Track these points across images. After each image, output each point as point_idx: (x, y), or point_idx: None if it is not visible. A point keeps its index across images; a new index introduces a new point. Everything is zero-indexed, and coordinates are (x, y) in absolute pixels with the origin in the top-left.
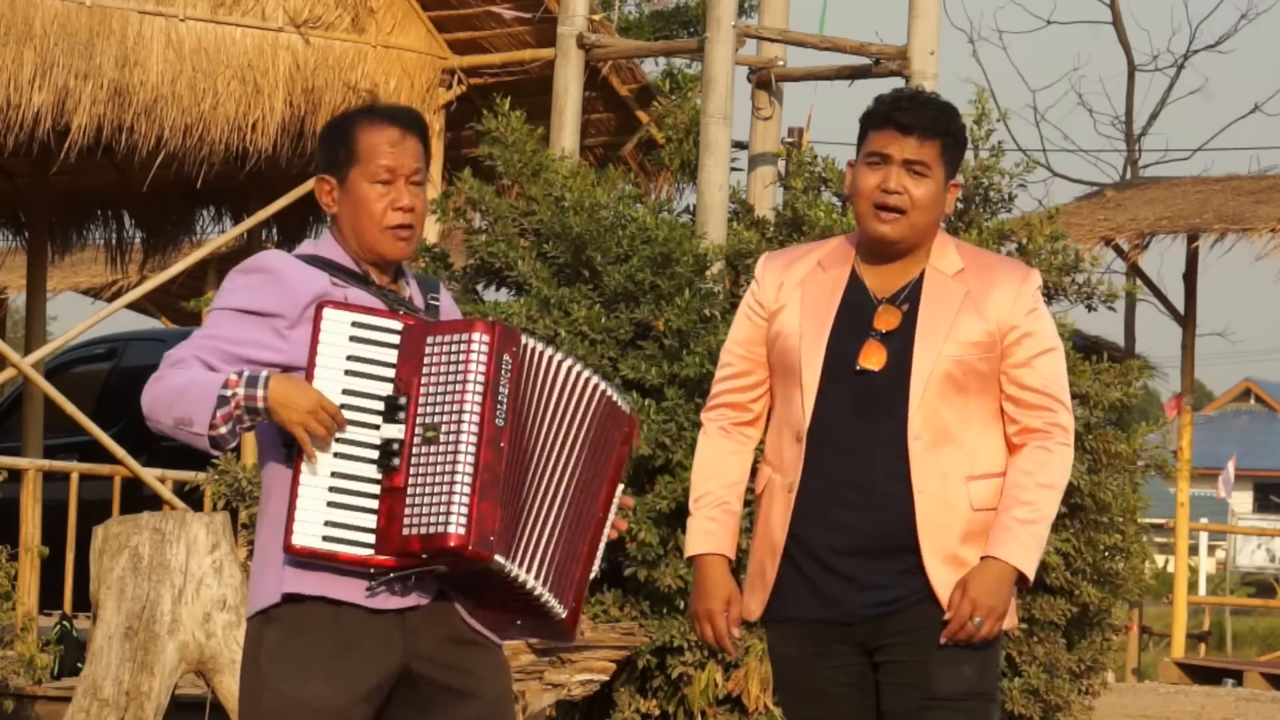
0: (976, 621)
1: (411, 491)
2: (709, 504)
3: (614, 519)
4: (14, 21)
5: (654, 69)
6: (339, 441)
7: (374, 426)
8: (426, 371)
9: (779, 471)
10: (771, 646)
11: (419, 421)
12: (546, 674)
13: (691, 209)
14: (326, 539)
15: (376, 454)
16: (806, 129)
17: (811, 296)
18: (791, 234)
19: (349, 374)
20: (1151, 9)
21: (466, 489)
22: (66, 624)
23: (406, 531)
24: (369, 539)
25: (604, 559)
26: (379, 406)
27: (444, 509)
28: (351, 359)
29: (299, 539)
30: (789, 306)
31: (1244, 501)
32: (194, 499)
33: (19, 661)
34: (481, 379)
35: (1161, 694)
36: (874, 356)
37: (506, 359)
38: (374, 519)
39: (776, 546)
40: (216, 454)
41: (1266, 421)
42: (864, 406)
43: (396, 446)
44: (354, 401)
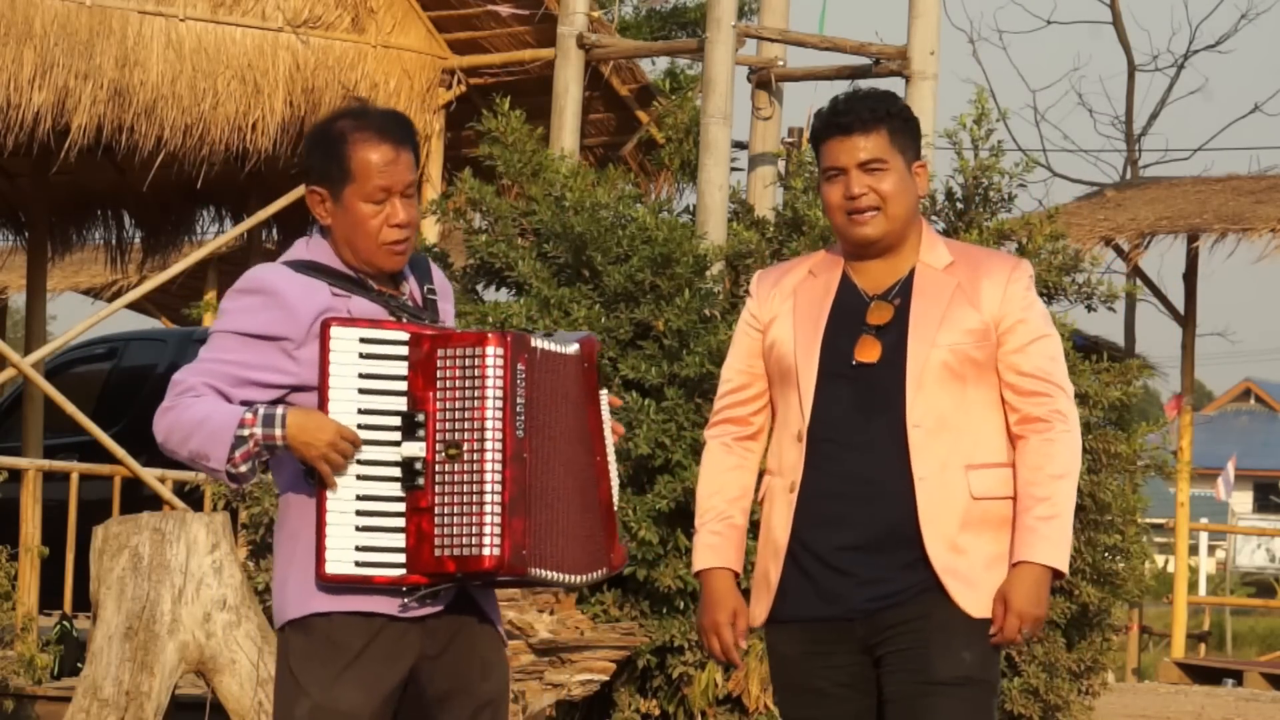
0: (1025, 633)
1: (439, 510)
2: (713, 519)
3: (611, 427)
4: (14, 21)
5: (654, 70)
6: (360, 463)
7: (394, 444)
8: (441, 386)
9: (780, 475)
10: (771, 646)
11: (439, 439)
12: (546, 674)
13: (691, 209)
14: (359, 564)
15: (399, 472)
16: (806, 129)
17: (804, 302)
18: (791, 234)
19: (363, 393)
20: (1151, 9)
21: (496, 508)
22: (66, 624)
23: (439, 553)
24: (400, 559)
25: None
26: (396, 423)
27: (475, 529)
28: (364, 376)
29: (332, 567)
30: (782, 314)
31: (1244, 501)
32: (194, 499)
33: (19, 661)
34: (500, 393)
35: (1161, 694)
36: (869, 350)
37: (520, 367)
38: (403, 538)
39: (779, 548)
40: (235, 485)
41: (1266, 421)
42: (862, 400)
43: (420, 465)
44: (371, 420)
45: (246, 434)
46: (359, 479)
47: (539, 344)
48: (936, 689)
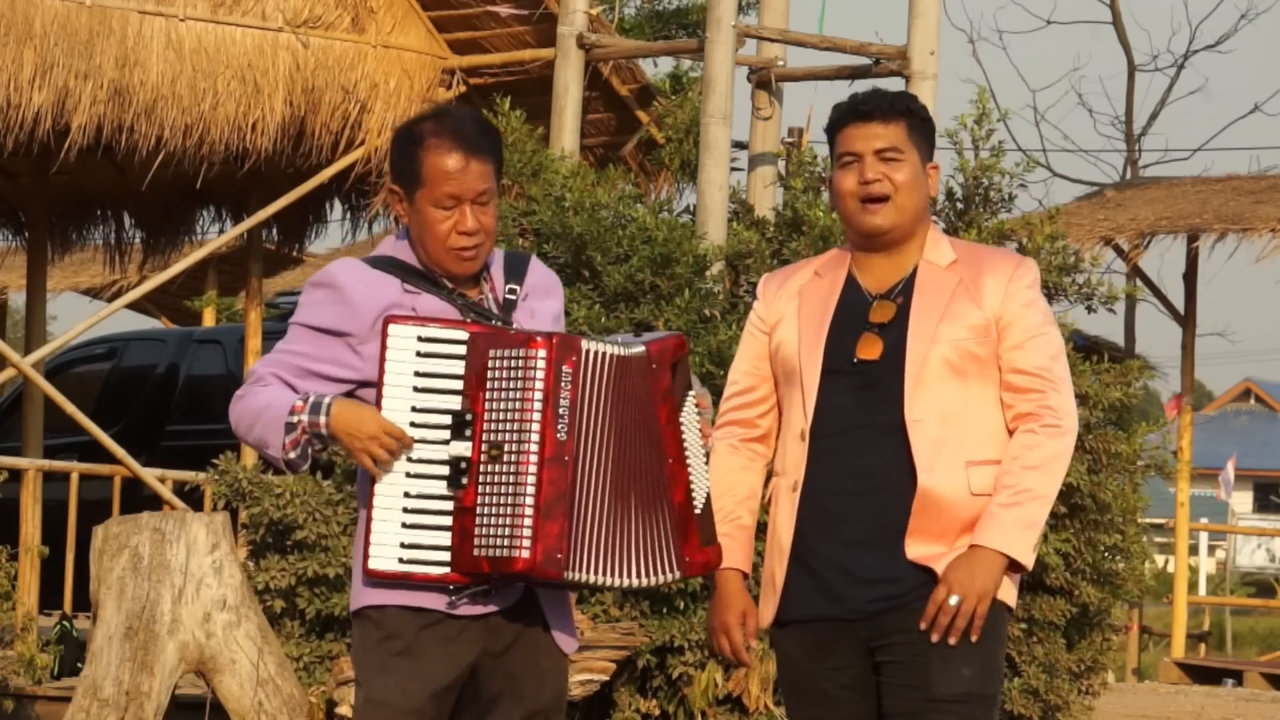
0: (954, 600)
1: (480, 511)
2: (721, 519)
3: (702, 429)
4: (14, 21)
5: (656, 71)
6: (410, 461)
7: (443, 442)
8: (490, 386)
9: (784, 474)
10: (777, 647)
11: (484, 439)
12: None
13: (691, 209)
14: (403, 560)
15: (446, 470)
16: (806, 129)
17: (809, 302)
18: (791, 234)
19: (418, 391)
20: (1151, 9)
21: (530, 510)
22: (66, 624)
23: (477, 553)
24: (444, 557)
25: None
26: (447, 421)
27: (508, 531)
28: (419, 375)
29: (376, 563)
30: (788, 316)
31: (1244, 501)
32: (194, 499)
33: (19, 661)
34: (541, 395)
35: (1161, 694)
36: (871, 347)
37: (566, 370)
38: (448, 537)
39: (784, 548)
40: (293, 473)
41: (1266, 421)
42: (864, 397)
43: (465, 465)
44: (423, 419)
45: (295, 420)
46: (408, 477)
47: (591, 346)
48: (937, 706)
